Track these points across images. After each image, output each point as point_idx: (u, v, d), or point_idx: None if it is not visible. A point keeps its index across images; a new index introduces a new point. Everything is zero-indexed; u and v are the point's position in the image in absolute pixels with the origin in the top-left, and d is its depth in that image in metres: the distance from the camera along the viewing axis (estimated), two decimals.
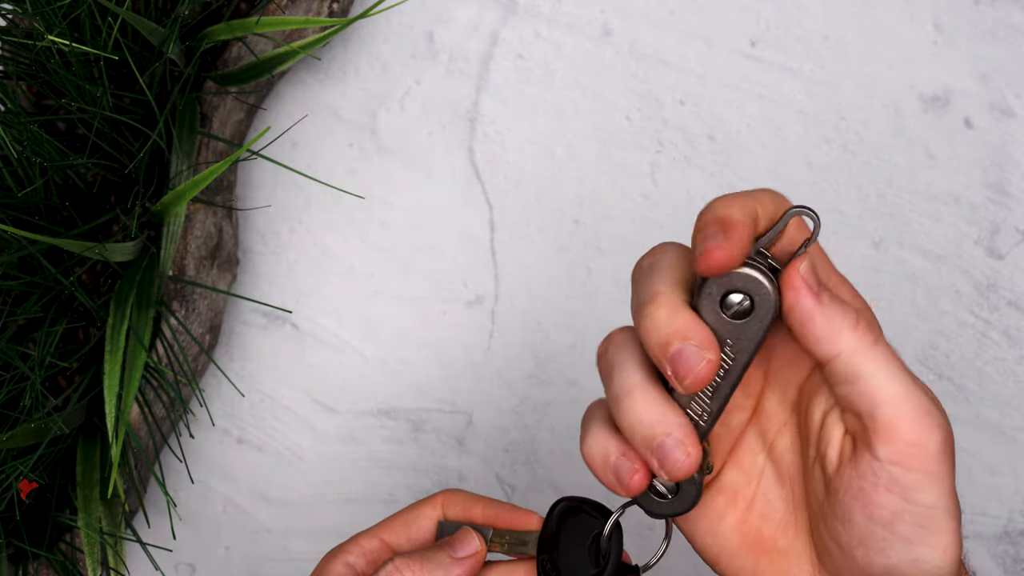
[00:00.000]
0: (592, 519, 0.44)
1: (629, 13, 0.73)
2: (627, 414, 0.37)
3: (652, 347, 0.36)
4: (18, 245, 0.59)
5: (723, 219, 0.35)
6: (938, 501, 0.34)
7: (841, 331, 0.35)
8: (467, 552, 0.43)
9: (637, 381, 0.37)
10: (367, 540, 0.45)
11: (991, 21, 0.72)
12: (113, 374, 0.59)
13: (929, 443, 0.34)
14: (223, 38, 0.65)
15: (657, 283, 0.36)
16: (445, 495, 0.47)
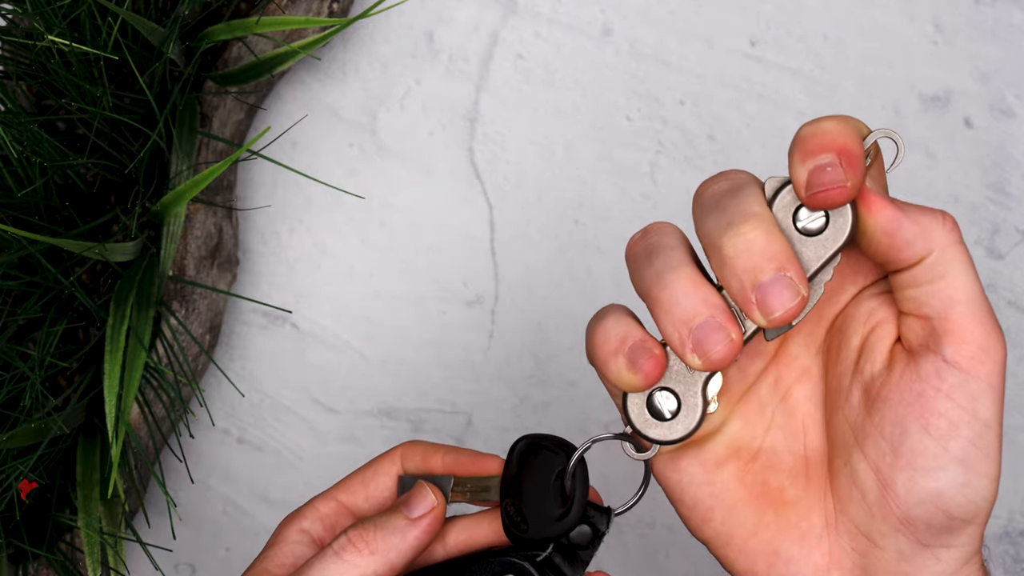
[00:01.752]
0: (554, 456, 0.41)
1: (629, 13, 0.73)
2: (669, 289, 0.33)
3: (739, 270, 0.32)
4: (18, 245, 0.59)
5: (846, 150, 0.32)
6: (993, 421, 0.33)
7: (932, 228, 0.33)
8: (423, 510, 0.40)
9: (684, 261, 0.34)
10: (323, 503, 0.42)
11: (991, 21, 0.72)
12: (113, 374, 0.59)
13: (997, 352, 0.33)
14: (223, 38, 0.65)
15: (748, 203, 0.34)
16: (403, 447, 0.44)
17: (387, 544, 0.38)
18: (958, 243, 0.34)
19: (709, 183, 0.36)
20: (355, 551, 0.38)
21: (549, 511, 0.39)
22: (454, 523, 0.43)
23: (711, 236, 0.34)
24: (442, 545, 0.42)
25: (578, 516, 0.40)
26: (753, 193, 0.34)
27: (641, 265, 0.35)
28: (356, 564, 0.37)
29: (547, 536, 0.39)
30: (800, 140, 0.33)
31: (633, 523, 0.75)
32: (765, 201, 0.34)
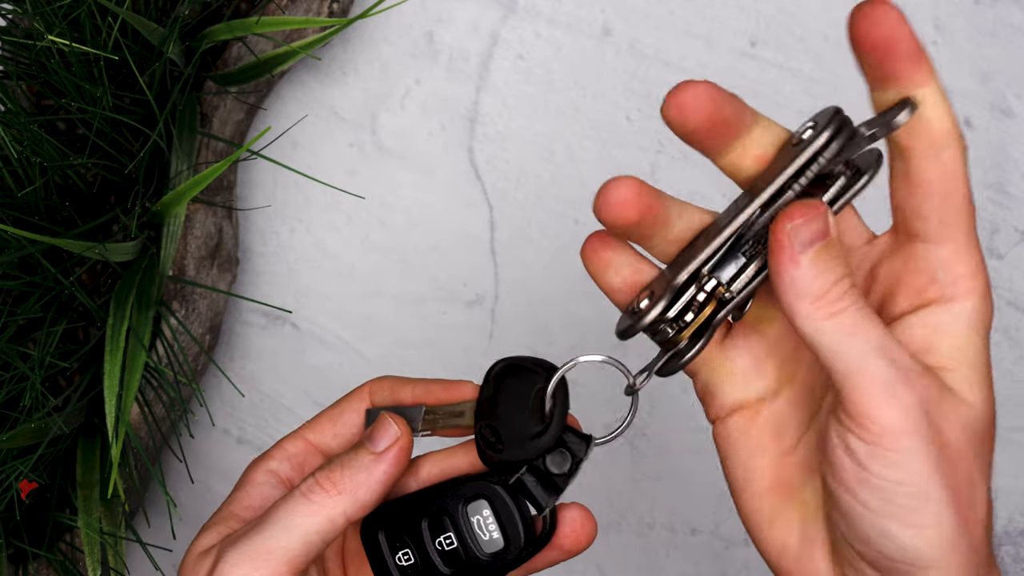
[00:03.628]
0: (534, 376, 0.39)
1: (629, 13, 0.73)
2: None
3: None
4: (18, 245, 0.59)
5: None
6: (907, 479, 0.32)
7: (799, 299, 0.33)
8: (387, 441, 0.38)
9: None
10: (290, 443, 0.41)
11: (991, 21, 0.72)
12: (113, 374, 0.59)
13: (885, 420, 0.32)
14: (223, 38, 0.65)
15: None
16: (372, 383, 0.43)
17: (354, 482, 0.37)
18: (827, 318, 0.33)
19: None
20: (323, 492, 0.37)
21: (526, 432, 0.37)
22: (428, 457, 0.41)
23: None
24: (415, 480, 0.41)
25: (556, 436, 0.38)
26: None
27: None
28: (324, 505, 0.37)
29: (523, 457, 0.37)
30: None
31: (633, 523, 0.75)
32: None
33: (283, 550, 0.36)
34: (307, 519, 0.36)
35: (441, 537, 0.37)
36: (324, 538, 0.37)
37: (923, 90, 0.34)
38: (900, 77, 0.35)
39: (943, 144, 0.33)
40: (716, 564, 0.74)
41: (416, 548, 0.37)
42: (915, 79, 0.35)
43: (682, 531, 0.75)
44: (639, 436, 0.74)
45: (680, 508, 0.74)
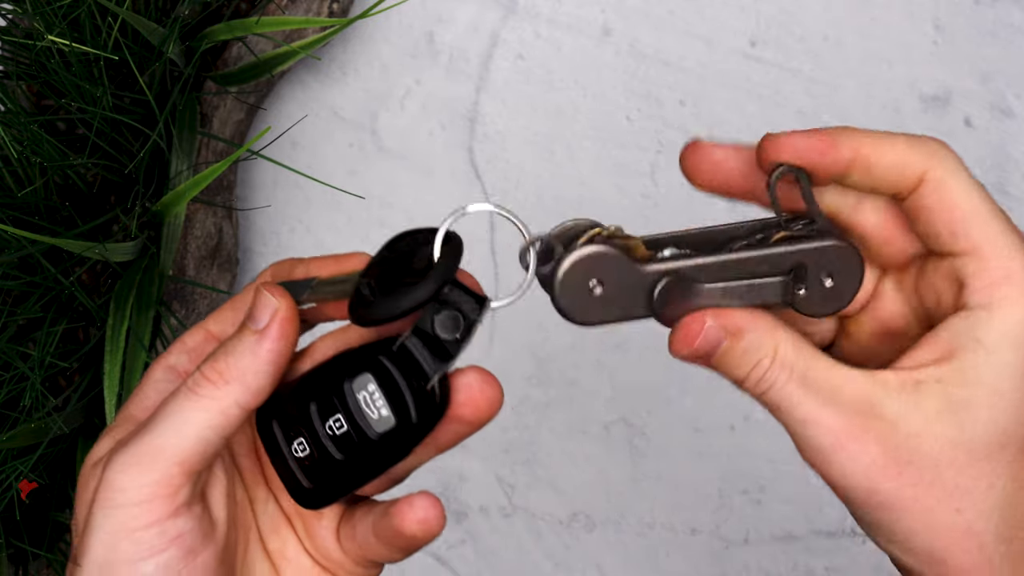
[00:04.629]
0: (429, 240, 0.35)
1: (629, 13, 0.73)
2: None
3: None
4: (18, 245, 0.59)
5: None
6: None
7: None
8: (267, 315, 0.34)
9: None
10: (191, 336, 0.37)
11: (991, 21, 0.72)
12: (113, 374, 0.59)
13: (842, 479, 0.34)
14: (223, 38, 0.65)
15: None
16: (273, 266, 0.39)
17: (240, 368, 0.33)
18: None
19: None
20: (210, 384, 0.33)
21: (403, 285, 0.34)
22: (322, 338, 0.37)
23: None
24: (311, 362, 0.37)
25: (434, 287, 0.34)
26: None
27: None
28: (214, 398, 0.33)
29: (396, 310, 0.33)
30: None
31: (633, 523, 0.75)
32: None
33: (174, 450, 0.33)
34: (197, 414, 0.33)
35: (331, 420, 0.33)
36: (219, 433, 0.33)
37: (848, 166, 0.34)
38: (819, 177, 0.35)
39: (909, 181, 0.34)
40: (716, 564, 0.74)
41: (309, 436, 0.34)
42: (830, 169, 0.34)
43: (682, 531, 0.75)
44: (639, 436, 0.74)
45: (680, 508, 0.74)
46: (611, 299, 0.35)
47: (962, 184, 0.34)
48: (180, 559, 0.33)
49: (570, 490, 0.75)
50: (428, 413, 0.33)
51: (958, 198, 0.34)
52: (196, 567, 0.33)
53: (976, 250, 0.33)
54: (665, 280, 0.35)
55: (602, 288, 0.36)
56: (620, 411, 0.74)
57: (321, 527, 0.37)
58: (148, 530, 0.32)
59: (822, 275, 0.35)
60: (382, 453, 0.33)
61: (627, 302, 0.35)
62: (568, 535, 0.75)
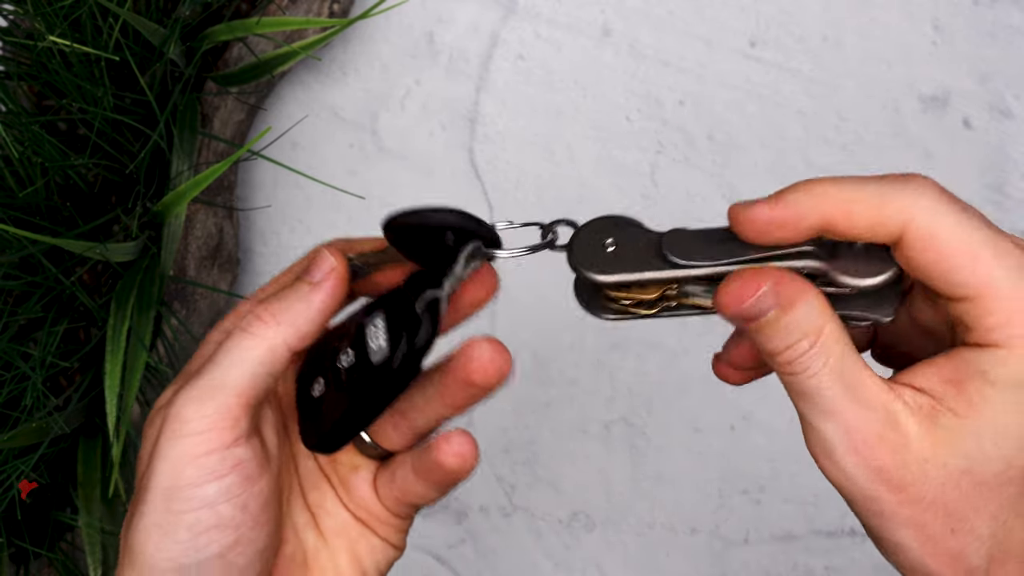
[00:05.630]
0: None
1: (629, 13, 0.74)
2: None
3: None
4: (19, 245, 0.59)
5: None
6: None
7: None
8: (323, 272, 0.37)
9: None
10: (246, 304, 0.40)
11: (990, 22, 0.72)
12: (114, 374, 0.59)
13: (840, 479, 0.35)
14: (224, 39, 0.65)
15: None
16: (317, 249, 0.41)
17: (293, 312, 0.36)
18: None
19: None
20: (262, 324, 0.36)
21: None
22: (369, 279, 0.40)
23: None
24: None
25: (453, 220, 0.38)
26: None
27: None
28: (264, 336, 0.36)
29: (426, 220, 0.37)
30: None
31: (633, 523, 0.75)
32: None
33: (232, 383, 0.35)
34: (249, 352, 0.36)
35: (343, 355, 0.37)
36: (269, 370, 0.36)
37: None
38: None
39: (890, 236, 0.33)
40: (716, 564, 0.75)
41: (325, 373, 0.37)
42: (800, 239, 0.34)
43: (682, 531, 0.75)
44: (639, 436, 0.74)
45: (680, 508, 0.75)
46: (625, 256, 0.37)
47: (947, 226, 0.33)
48: (240, 484, 0.35)
49: (570, 490, 0.75)
50: (417, 349, 0.36)
51: (946, 245, 0.32)
52: (254, 493, 0.36)
53: (977, 297, 0.32)
54: (672, 230, 0.36)
55: (615, 247, 0.38)
56: (620, 411, 0.74)
57: (359, 479, 0.41)
58: (210, 456, 0.35)
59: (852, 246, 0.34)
60: (382, 383, 0.36)
61: (641, 258, 0.36)
62: (568, 535, 0.75)
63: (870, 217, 0.33)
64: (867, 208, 0.33)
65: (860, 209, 0.33)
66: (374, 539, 0.41)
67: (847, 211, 0.33)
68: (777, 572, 0.74)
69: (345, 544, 0.41)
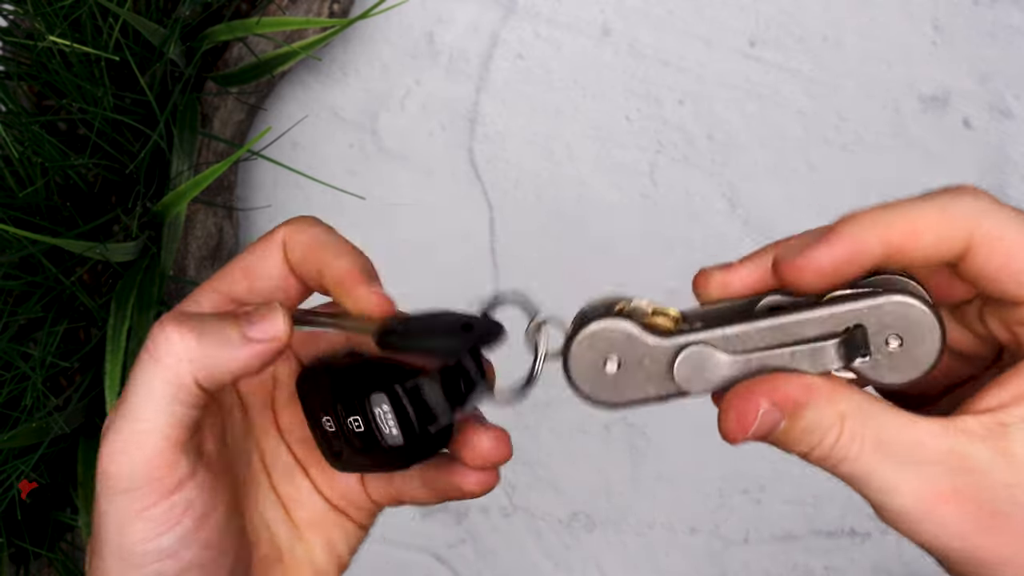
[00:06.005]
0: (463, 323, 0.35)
1: (629, 13, 0.74)
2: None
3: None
4: (19, 245, 0.59)
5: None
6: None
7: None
8: (265, 334, 0.33)
9: None
10: (204, 296, 0.36)
11: (990, 22, 0.72)
12: (114, 374, 0.59)
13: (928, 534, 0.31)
14: (224, 39, 0.65)
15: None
16: (288, 229, 0.38)
17: (211, 354, 0.32)
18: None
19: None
20: (169, 347, 0.32)
21: (436, 334, 0.34)
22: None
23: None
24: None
25: (459, 347, 0.34)
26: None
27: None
28: (171, 368, 0.32)
29: (419, 346, 0.34)
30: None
31: (633, 523, 0.75)
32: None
33: (153, 425, 0.32)
34: (160, 386, 0.32)
35: (351, 419, 0.34)
36: (186, 405, 0.32)
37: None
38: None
39: (955, 252, 0.31)
40: (716, 564, 0.75)
41: (335, 420, 0.35)
42: (860, 273, 0.31)
43: (682, 531, 0.75)
44: (639, 436, 0.74)
45: (680, 508, 0.75)
46: (630, 378, 0.33)
47: (1013, 229, 0.31)
48: (195, 525, 0.33)
49: (570, 490, 0.75)
50: (429, 445, 0.35)
51: (1013, 246, 0.30)
52: (214, 525, 0.33)
53: None
54: (687, 352, 0.32)
55: (618, 366, 0.33)
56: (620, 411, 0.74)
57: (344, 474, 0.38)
58: (155, 508, 0.32)
59: (887, 336, 0.31)
60: (394, 458, 0.34)
61: (649, 380, 0.33)
62: (568, 535, 0.75)
63: (937, 233, 0.30)
64: (932, 224, 0.31)
65: (925, 227, 0.30)
66: (348, 524, 0.39)
67: (912, 232, 0.30)
68: (777, 572, 0.74)
69: (320, 533, 0.38)
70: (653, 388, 0.33)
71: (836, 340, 0.31)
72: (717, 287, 0.33)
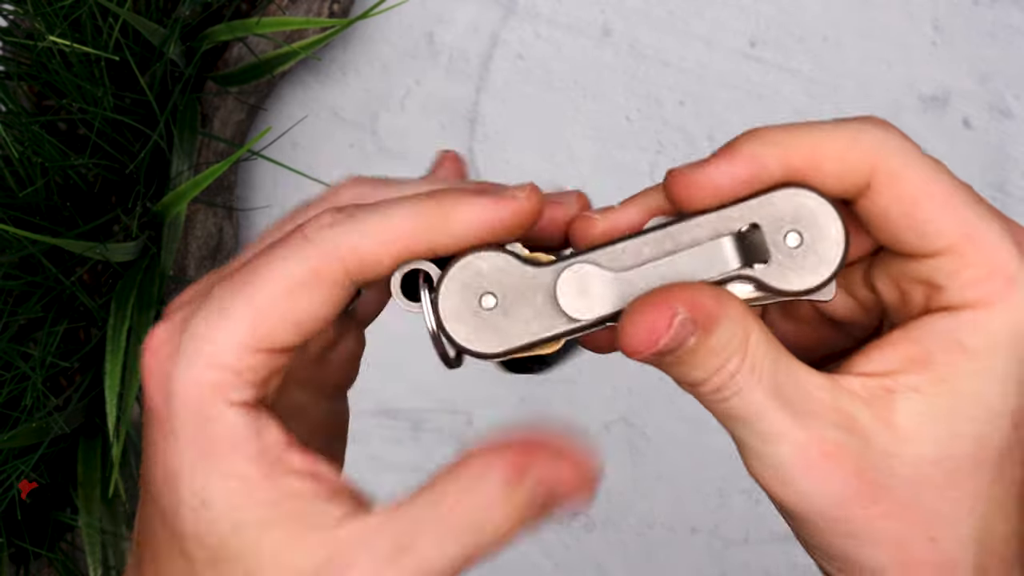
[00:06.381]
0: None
1: (629, 13, 0.74)
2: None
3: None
4: (19, 245, 0.59)
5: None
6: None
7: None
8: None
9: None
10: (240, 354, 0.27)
11: (990, 22, 0.72)
12: (114, 374, 0.59)
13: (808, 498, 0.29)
14: (224, 39, 0.65)
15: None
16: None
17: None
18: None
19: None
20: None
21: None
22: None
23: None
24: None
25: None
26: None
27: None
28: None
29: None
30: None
31: (633, 523, 0.75)
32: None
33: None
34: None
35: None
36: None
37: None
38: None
39: (855, 185, 0.28)
40: (716, 564, 0.75)
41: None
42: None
43: (682, 531, 0.75)
44: (639, 436, 0.74)
45: (680, 508, 0.75)
46: (513, 316, 0.28)
47: (921, 172, 0.29)
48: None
49: None
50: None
51: (918, 191, 0.28)
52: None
53: (951, 248, 0.28)
54: (569, 271, 0.28)
55: (496, 303, 0.28)
56: (620, 411, 0.74)
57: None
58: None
59: (784, 233, 0.28)
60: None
61: (535, 316, 0.28)
62: (568, 535, 0.75)
63: (841, 162, 0.28)
64: (837, 152, 0.28)
65: (829, 154, 0.28)
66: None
67: (815, 157, 0.28)
68: (777, 572, 0.74)
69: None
70: (539, 325, 0.28)
71: (731, 235, 0.28)
72: (602, 234, 0.29)
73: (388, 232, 0.27)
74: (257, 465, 0.26)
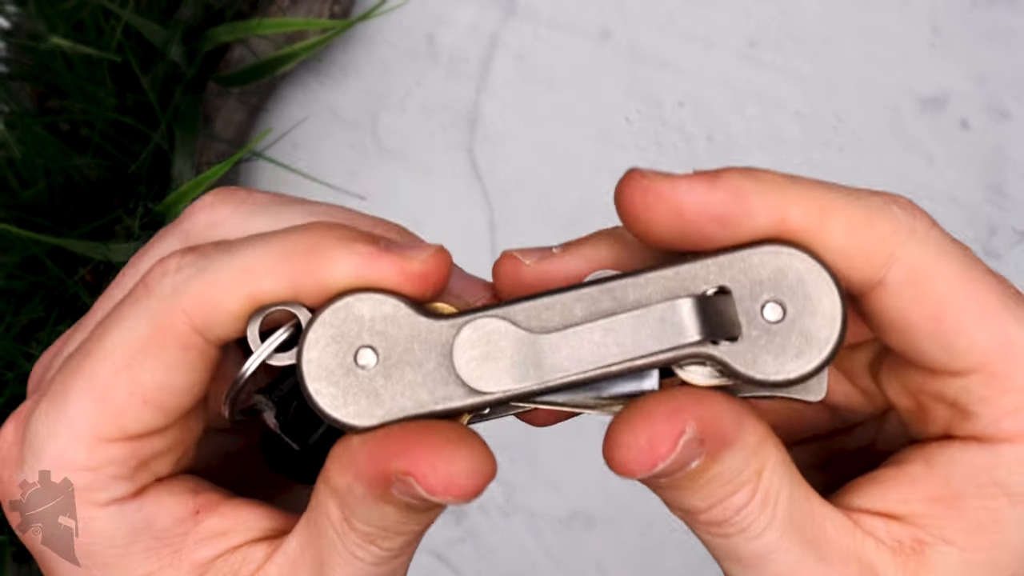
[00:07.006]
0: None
1: (629, 14, 0.74)
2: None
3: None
4: (22, 245, 0.59)
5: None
6: None
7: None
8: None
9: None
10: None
11: (989, 23, 0.72)
12: None
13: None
14: (225, 40, 0.65)
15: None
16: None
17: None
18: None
19: None
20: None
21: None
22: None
23: None
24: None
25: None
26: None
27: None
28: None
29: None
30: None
31: (633, 523, 0.75)
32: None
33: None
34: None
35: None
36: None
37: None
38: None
39: (869, 277, 0.22)
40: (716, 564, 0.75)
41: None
42: (729, 241, 0.22)
43: (682, 531, 0.75)
44: None
45: None
46: (396, 377, 0.21)
47: (953, 270, 0.22)
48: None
49: (570, 489, 0.75)
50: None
51: (949, 294, 0.21)
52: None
53: (985, 366, 0.22)
54: (472, 326, 0.21)
55: (377, 360, 0.21)
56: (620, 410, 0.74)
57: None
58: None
59: (762, 303, 0.21)
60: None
61: (424, 380, 0.21)
62: (568, 535, 0.76)
63: (850, 239, 0.21)
64: (847, 223, 0.21)
65: (838, 224, 0.21)
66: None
67: (819, 215, 0.21)
68: None
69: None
70: (428, 394, 0.21)
71: (691, 298, 0.21)
72: (528, 284, 0.24)
73: (237, 273, 0.22)
74: (158, 556, 0.23)
